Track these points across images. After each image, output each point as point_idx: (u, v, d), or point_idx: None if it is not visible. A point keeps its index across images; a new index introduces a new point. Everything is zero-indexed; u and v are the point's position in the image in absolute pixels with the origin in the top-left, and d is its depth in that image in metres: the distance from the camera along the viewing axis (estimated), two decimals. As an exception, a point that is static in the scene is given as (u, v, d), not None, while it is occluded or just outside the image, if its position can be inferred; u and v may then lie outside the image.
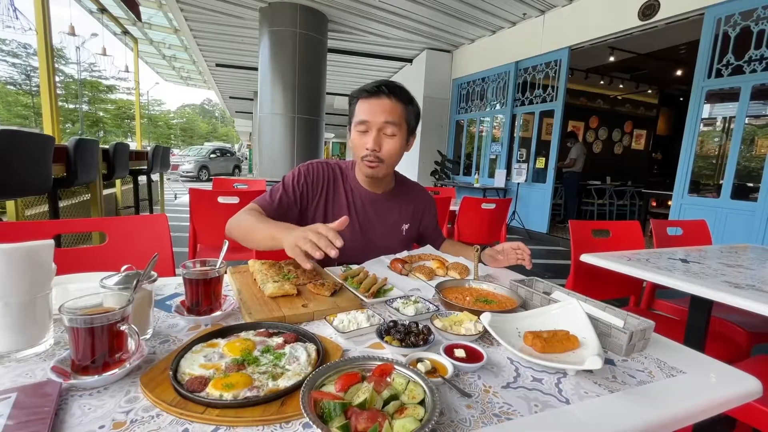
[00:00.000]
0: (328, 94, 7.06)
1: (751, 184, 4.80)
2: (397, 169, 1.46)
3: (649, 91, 9.36)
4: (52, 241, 0.63)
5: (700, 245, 1.85)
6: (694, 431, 1.09)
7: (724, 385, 0.63)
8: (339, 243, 0.79)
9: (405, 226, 1.37)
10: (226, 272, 0.99)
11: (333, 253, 0.78)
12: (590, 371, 0.63)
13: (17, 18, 3.79)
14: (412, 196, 1.41)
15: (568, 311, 0.77)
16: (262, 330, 0.68)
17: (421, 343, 0.66)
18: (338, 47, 7.71)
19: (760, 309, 0.96)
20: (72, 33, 6.66)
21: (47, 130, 3.54)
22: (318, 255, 0.79)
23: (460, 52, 7.82)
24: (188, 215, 2.26)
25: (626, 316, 0.76)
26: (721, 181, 4.06)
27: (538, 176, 6.45)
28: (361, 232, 1.30)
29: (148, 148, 5.45)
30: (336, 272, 1.05)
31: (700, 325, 1.25)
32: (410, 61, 8.49)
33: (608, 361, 0.67)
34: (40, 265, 0.62)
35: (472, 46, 7.47)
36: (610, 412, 0.54)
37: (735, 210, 3.90)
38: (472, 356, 0.64)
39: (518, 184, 6.42)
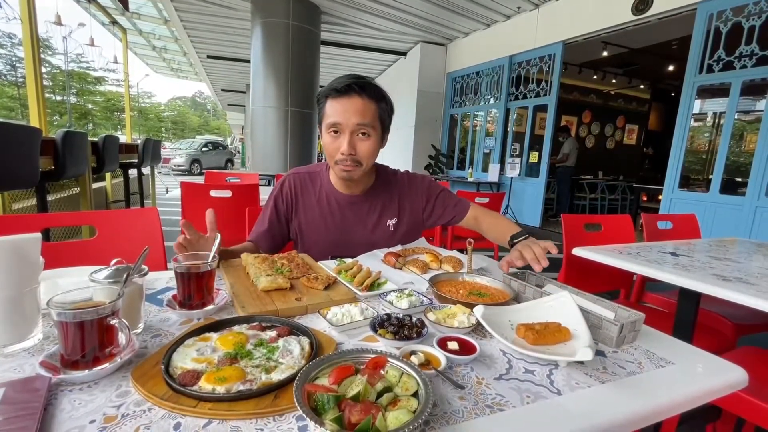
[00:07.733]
0: (321, 87, 6.99)
1: (739, 179, 4.87)
2: (391, 164, 1.42)
3: (642, 87, 9.44)
4: (39, 235, 0.62)
5: (690, 239, 1.88)
6: (681, 420, 1.12)
7: (711, 375, 0.64)
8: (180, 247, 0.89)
9: (391, 222, 1.28)
10: (218, 266, 0.98)
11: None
12: (581, 362, 0.63)
13: (1, 7, 3.69)
14: (395, 189, 1.30)
15: (560, 304, 0.77)
16: (255, 324, 0.67)
17: (415, 335, 0.66)
18: (332, 40, 7.64)
19: (746, 301, 0.97)
20: (58, 23, 6.53)
21: (34, 122, 3.47)
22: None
23: (455, 46, 7.79)
24: (180, 209, 2.24)
25: (617, 309, 0.77)
26: (710, 176, 4.11)
27: (532, 171, 6.49)
28: (342, 236, 1.25)
29: (139, 141, 5.37)
30: (330, 266, 1.05)
31: (688, 317, 1.27)
32: (404, 54, 8.44)
33: (599, 353, 0.68)
34: (26, 259, 0.61)
35: (467, 39, 7.44)
36: (601, 403, 0.55)
37: (724, 204, 3.96)
38: (465, 348, 0.64)
39: (511, 178, 6.45)
